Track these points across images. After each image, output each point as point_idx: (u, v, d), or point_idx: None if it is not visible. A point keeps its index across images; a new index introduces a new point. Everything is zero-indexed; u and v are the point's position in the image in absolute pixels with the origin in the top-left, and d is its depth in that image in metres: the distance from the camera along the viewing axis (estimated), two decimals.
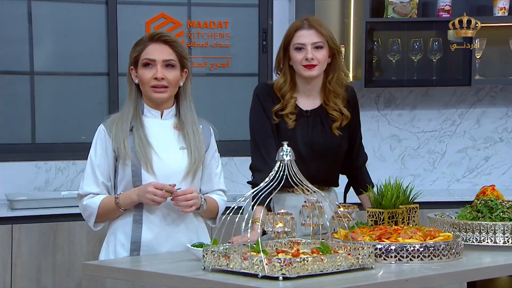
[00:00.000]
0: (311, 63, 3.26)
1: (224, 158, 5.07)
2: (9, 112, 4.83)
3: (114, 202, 3.00)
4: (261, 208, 3.06)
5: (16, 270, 4.31)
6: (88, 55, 4.95)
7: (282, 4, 5.15)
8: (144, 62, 3.02)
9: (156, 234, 3.02)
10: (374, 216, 3.08)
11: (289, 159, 2.68)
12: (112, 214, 3.03)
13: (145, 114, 3.08)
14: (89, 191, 3.03)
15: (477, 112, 5.40)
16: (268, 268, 2.44)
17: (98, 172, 3.02)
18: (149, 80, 3.01)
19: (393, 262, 2.72)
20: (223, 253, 2.56)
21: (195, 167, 3.04)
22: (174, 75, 3.04)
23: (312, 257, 2.49)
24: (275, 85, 3.35)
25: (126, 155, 2.98)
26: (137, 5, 5.02)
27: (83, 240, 4.39)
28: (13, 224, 4.31)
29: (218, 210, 3.13)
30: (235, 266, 2.52)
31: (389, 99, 5.35)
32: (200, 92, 5.16)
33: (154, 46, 3.04)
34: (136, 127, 3.03)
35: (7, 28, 4.81)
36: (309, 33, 3.28)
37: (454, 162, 5.39)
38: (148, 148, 3.00)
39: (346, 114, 3.37)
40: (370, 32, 4.96)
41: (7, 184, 4.70)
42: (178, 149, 3.06)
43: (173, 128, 3.10)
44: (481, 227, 2.96)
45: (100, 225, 3.08)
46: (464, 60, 5.04)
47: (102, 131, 3.05)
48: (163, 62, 3.02)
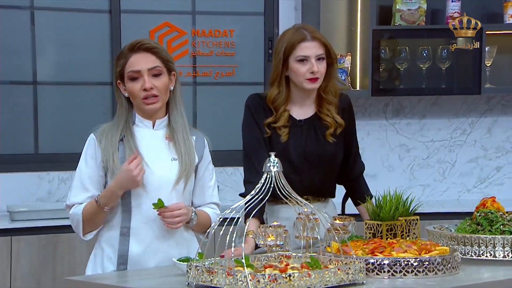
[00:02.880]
0: (315, 76, 3.16)
1: (230, 168, 5.03)
2: (12, 122, 4.79)
3: (95, 202, 2.88)
4: (253, 220, 2.97)
5: (16, 283, 4.25)
6: (91, 65, 4.90)
7: (288, 12, 5.07)
8: (130, 76, 2.91)
9: (145, 247, 2.91)
10: (372, 229, 2.96)
11: (276, 170, 2.57)
12: (97, 218, 2.91)
13: (136, 124, 2.99)
14: (75, 202, 2.93)
15: (488, 121, 5.27)
16: (252, 285, 2.33)
17: (87, 182, 2.93)
18: (139, 92, 2.91)
19: (386, 277, 2.60)
20: (207, 269, 2.45)
21: (186, 175, 2.93)
22: (163, 82, 2.93)
23: (298, 272, 2.38)
24: (268, 97, 3.24)
25: (114, 168, 2.89)
26: (141, 14, 4.97)
27: (83, 252, 4.30)
28: (12, 236, 4.26)
29: (210, 224, 3.02)
30: (219, 282, 2.42)
31: (398, 108, 5.24)
32: (205, 101, 5.10)
33: (136, 57, 2.92)
34: (127, 138, 2.93)
35: (10, 38, 4.77)
36: (313, 45, 3.17)
37: (465, 172, 5.27)
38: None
39: (340, 121, 3.26)
40: (377, 40, 4.86)
41: (9, 195, 4.65)
42: (169, 160, 2.96)
43: (165, 138, 2.99)
44: (480, 240, 2.84)
45: (90, 235, 2.97)
46: (474, 68, 4.92)
47: (92, 141, 2.95)
48: (148, 71, 2.91)
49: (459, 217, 4.03)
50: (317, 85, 3.20)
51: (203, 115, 5.07)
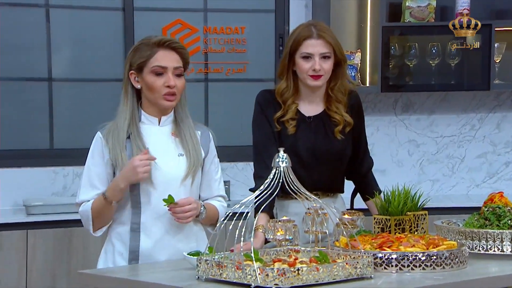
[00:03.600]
0: (318, 74, 3.15)
1: (241, 163, 5.02)
2: (28, 118, 4.81)
3: (103, 197, 2.88)
4: (262, 215, 2.97)
5: (31, 275, 4.27)
6: (105, 62, 4.90)
7: (298, 9, 5.06)
8: (155, 70, 2.90)
9: (155, 242, 2.91)
10: (381, 223, 2.95)
11: (285, 165, 2.56)
12: (105, 213, 2.90)
13: (142, 121, 2.98)
14: (84, 199, 2.93)
15: (497, 117, 5.24)
16: (261, 278, 2.33)
17: (95, 180, 2.92)
18: (161, 88, 2.90)
19: (394, 271, 2.59)
20: (217, 263, 2.45)
21: (194, 171, 2.93)
22: (183, 83, 2.94)
23: (307, 266, 2.37)
24: (276, 90, 3.24)
25: (123, 166, 2.88)
26: (153, 12, 4.97)
27: (97, 245, 4.28)
28: (28, 230, 4.27)
29: (218, 216, 3.02)
30: (228, 276, 2.41)
31: (407, 104, 5.22)
32: (216, 97, 5.10)
33: (164, 53, 2.90)
34: (133, 135, 2.92)
35: (26, 36, 4.79)
36: (318, 43, 3.16)
37: (474, 167, 5.24)
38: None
39: (349, 120, 3.25)
40: (387, 36, 4.84)
41: (25, 190, 4.67)
42: (176, 156, 2.95)
43: (171, 134, 2.99)
44: (487, 235, 2.82)
45: (100, 231, 2.97)
46: (483, 64, 4.89)
47: (99, 139, 2.94)
48: (174, 69, 2.91)
49: (468, 212, 4.01)
50: (319, 82, 3.18)
51: (214, 111, 5.07)
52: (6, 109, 4.75)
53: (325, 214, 2.81)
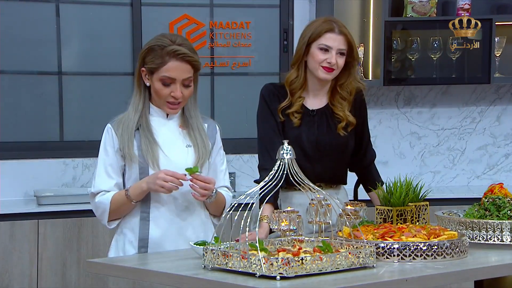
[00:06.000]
0: (331, 67, 3.13)
1: (246, 155, 5.02)
2: (38, 111, 4.81)
3: (125, 195, 2.88)
4: (267, 205, 2.96)
5: (42, 264, 4.27)
6: (113, 56, 4.90)
7: (302, 4, 5.04)
8: (163, 80, 2.87)
9: (164, 231, 2.91)
10: (383, 214, 2.94)
11: (290, 157, 2.55)
12: (124, 209, 2.91)
13: (151, 113, 2.97)
14: (101, 189, 2.92)
15: (498, 110, 5.22)
16: (266, 268, 2.32)
17: (110, 170, 2.92)
18: (166, 96, 2.89)
19: (396, 261, 2.58)
20: (223, 252, 2.44)
21: (202, 163, 2.93)
22: (190, 91, 2.92)
23: (310, 256, 2.37)
24: (286, 78, 3.22)
25: (132, 156, 2.88)
26: (161, 7, 4.96)
27: (106, 235, 4.32)
28: (39, 220, 4.28)
29: (224, 205, 3.01)
30: (234, 265, 2.41)
31: (409, 97, 5.20)
32: (222, 90, 5.09)
33: (175, 64, 2.86)
34: (142, 127, 2.92)
35: (36, 30, 4.78)
36: (339, 38, 3.14)
37: (474, 159, 5.22)
38: (155, 147, 2.90)
39: (351, 120, 3.23)
40: (389, 31, 4.82)
41: (36, 181, 4.68)
42: (184, 147, 2.95)
43: (178, 127, 2.98)
44: (487, 225, 2.81)
45: (114, 223, 2.96)
46: (484, 58, 4.87)
47: (110, 130, 2.94)
48: (182, 81, 2.89)
49: (468, 203, 4.00)
50: (330, 76, 3.17)
51: (220, 104, 5.06)
52: (17, 102, 4.75)
53: (328, 205, 2.81)
